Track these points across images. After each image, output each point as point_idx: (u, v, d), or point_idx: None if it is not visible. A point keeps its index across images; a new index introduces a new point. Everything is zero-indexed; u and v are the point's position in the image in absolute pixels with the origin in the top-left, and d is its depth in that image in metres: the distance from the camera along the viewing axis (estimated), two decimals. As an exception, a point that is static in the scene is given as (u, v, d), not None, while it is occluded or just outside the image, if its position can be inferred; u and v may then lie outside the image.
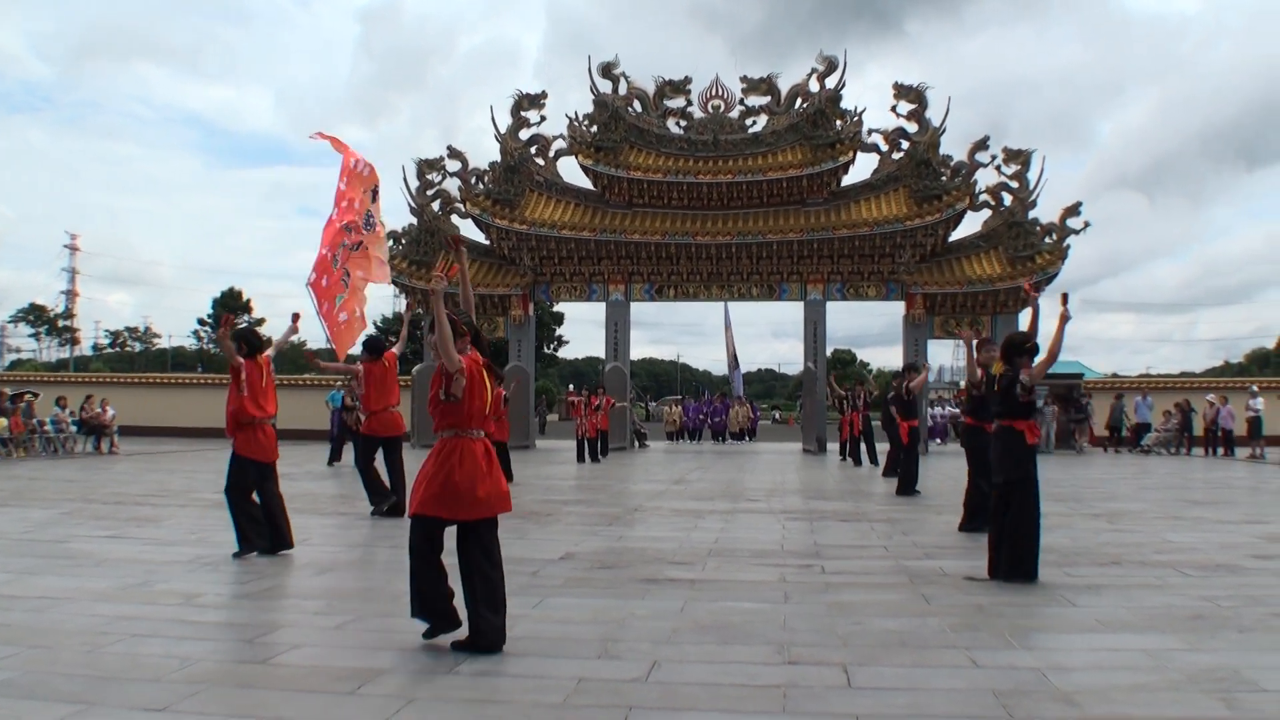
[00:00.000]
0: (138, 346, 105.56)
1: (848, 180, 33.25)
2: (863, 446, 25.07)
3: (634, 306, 33.86)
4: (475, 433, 6.23)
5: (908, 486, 16.15)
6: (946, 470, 21.83)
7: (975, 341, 11.85)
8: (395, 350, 13.06)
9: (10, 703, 4.97)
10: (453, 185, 33.64)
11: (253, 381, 9.88)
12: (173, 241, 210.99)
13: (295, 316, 10.89)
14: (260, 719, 4.82)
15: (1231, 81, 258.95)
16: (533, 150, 33.74)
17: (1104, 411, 33.41)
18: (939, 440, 34.80)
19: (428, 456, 6.25)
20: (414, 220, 33.65)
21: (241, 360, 9.84)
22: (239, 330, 10.42)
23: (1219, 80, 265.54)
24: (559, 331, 78.40)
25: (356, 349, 13.07)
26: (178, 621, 6.93)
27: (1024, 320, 30.89)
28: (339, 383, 29.31)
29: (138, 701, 5.03)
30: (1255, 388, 30.87)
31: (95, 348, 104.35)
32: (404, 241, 33.47)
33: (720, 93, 33.56)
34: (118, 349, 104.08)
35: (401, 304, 62.30)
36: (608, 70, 33.33)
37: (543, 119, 33.84)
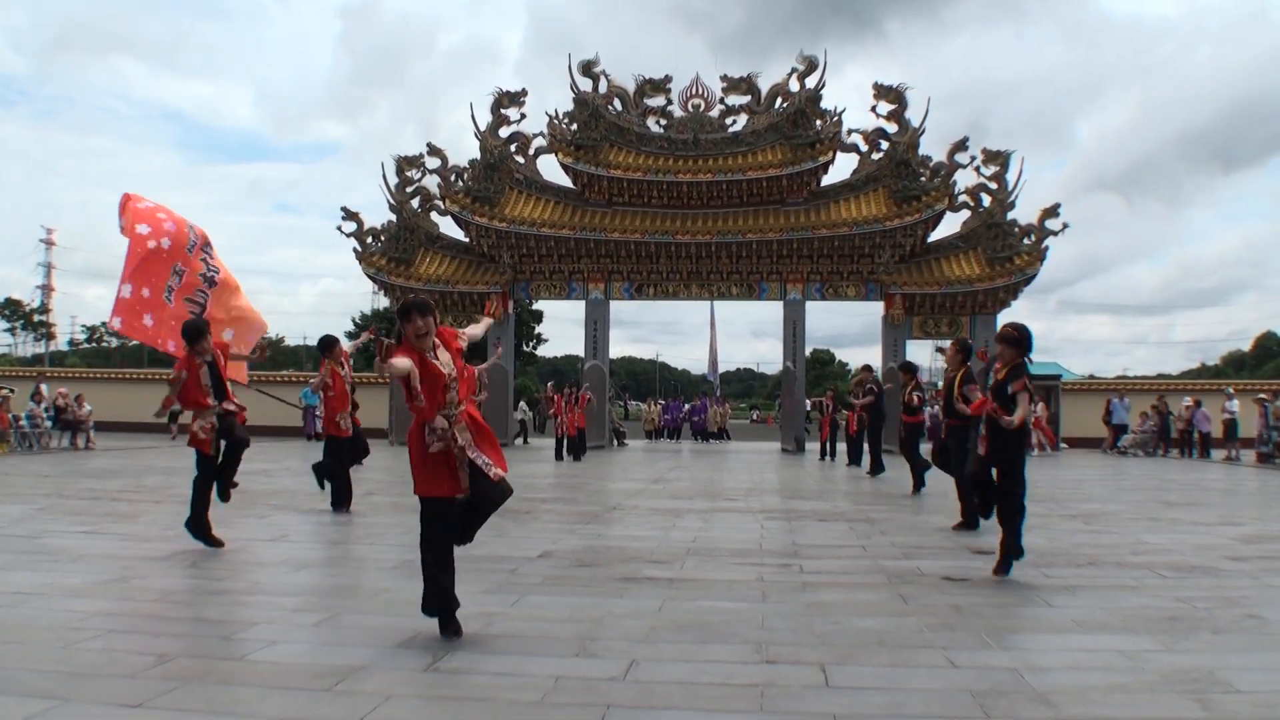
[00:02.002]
0: (114, 342, 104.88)
1: (827, 180, 33.36)
2: (848, 446, 25.13)
3: (613, 305, 33.91)
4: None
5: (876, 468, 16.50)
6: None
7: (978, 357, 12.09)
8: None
9: (-17, 699, 4.94)
10: (432, 182, 33.60)
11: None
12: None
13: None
14: (237, 716, 4.80)
15: (1210, 85, 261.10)
16: (512, 148, 33.68)
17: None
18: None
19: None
20: (393, 217, 33.54)
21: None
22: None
23: (1197, 83, 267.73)
24: (538, 329, 78.20)
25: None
26: (153, 618, 6.89)
27: (1000, 321, 31.10)
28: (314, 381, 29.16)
29: (112, 698, 5.00)
30: (1230, 390, 31.05)
31: (71, 343, 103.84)
32: (383, 239, 33.37)
33: (700, 92, 33.58)
34: (94, 344, 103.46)
35: (381, 300, 62.11)
36: (588, 68, 33.31)
37: (523, 117, 33.85)
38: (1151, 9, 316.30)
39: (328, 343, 13.40)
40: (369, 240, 33.30)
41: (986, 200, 32.02)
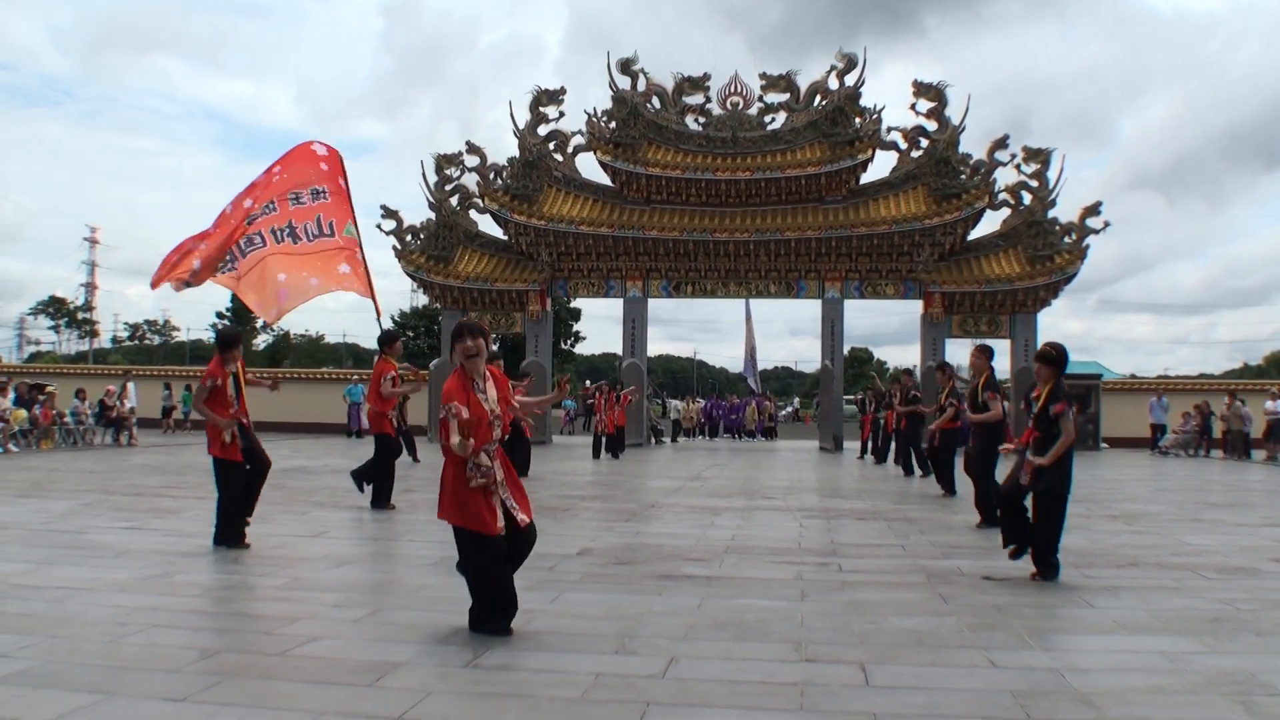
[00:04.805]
0: (156, 339, 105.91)
1: (866, 178, 33.17)
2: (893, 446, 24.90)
3: (651, 303, 33.83)
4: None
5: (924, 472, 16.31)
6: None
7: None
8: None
9: (30, 691, 5.01)
10: (471, 180, 33.59)
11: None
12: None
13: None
14: (279, 710, 4.84)
15: (1255, 81, 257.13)
16: (551, 146, 33.69)
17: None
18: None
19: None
20: (432, 215, 33.64)
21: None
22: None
23: (1242, 80, 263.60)
24: (576, 327, 78.30)
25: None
26: (197, 613, 6.97)
27: (1041, 320, 30.84)
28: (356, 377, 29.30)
29: (157, 691, 5.05)
30: (1276, 390, 30.68)
31: (114, 340, 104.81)
32: (422, 237, 33.47)
33: (739, 89, 33.46)
34: (137, 342, 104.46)
35: (420, 298, 62.23)
36: (627, 66, 33.28)
37: (561, 115, 33.82)
38: (1198, 5, 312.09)
39: (389, 337, 13.46)
40: (408, 238, 33.41)
41: (1027, 198, 31.78)
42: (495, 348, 16.51)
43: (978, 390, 12.35)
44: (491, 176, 33.25)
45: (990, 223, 32.86)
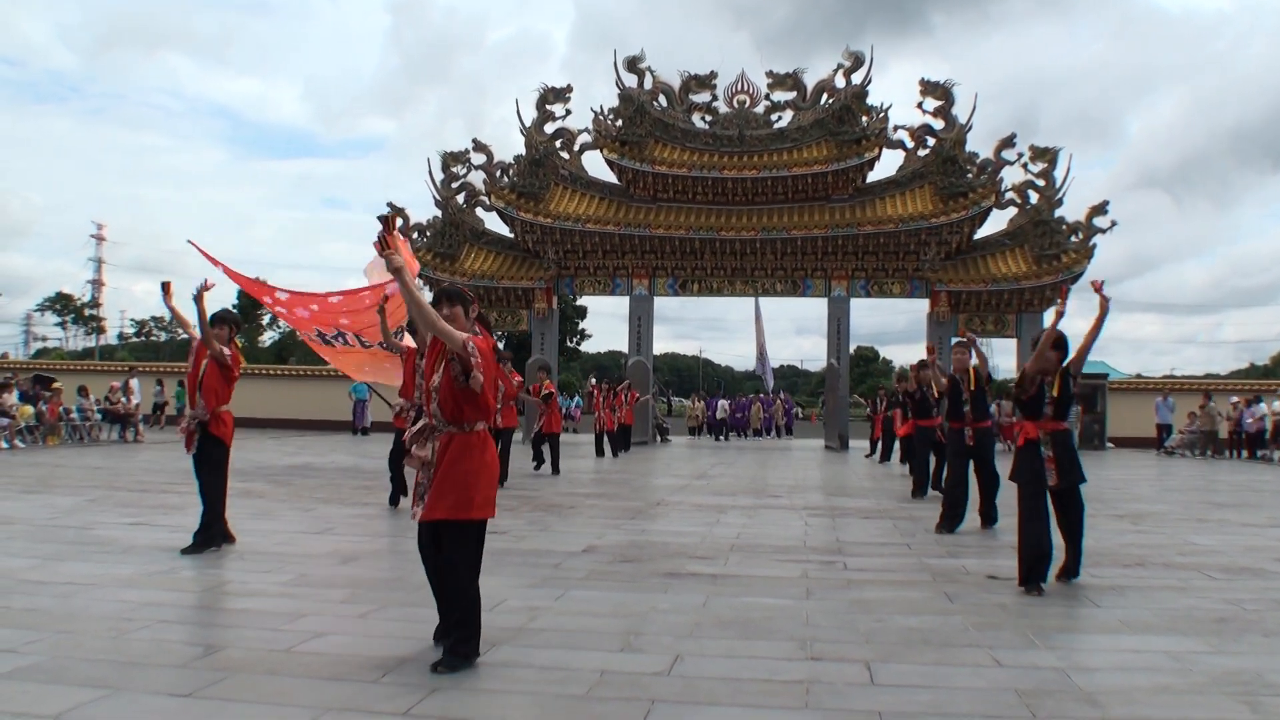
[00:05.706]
0: (163, 336, 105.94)
1: (873, 176, 33.10)
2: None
3: (657, 301, 33.80)
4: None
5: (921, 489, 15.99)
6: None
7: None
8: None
9: (36, 687, 5.02)
10: (477, 178, 33.57)
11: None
12: (199, 231, 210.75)
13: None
14: (285, 706, 4.84)
15: (1263, 80, 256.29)
16: (558, 144, 33.66)
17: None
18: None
19: (464, 452, 5.66)
20: (438, 213, 33.63)
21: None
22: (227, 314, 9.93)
23: (1250, 79, 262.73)
24: (582, 325, 78.29)
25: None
26: (202, 608, 6.99)
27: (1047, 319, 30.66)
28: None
29: (162, 687, 5.06)
30: (1281, 390, 30.63)
31: (121, 337, 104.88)
32: (428, 234, 33.47)
33: (746, 88, 33.42)
34: (143, 338, 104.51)
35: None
36: (633, 64, 33.25)
37: (568, 112, 33.77)
38: (1206, 3, 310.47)
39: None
40: (414, 236, 33.33)
41: (1034, 197, 31.72)
42: (498, 342, 16.70)
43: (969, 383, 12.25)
44: (498, 174, 33.23)
45: (997, 221, 32.81)
